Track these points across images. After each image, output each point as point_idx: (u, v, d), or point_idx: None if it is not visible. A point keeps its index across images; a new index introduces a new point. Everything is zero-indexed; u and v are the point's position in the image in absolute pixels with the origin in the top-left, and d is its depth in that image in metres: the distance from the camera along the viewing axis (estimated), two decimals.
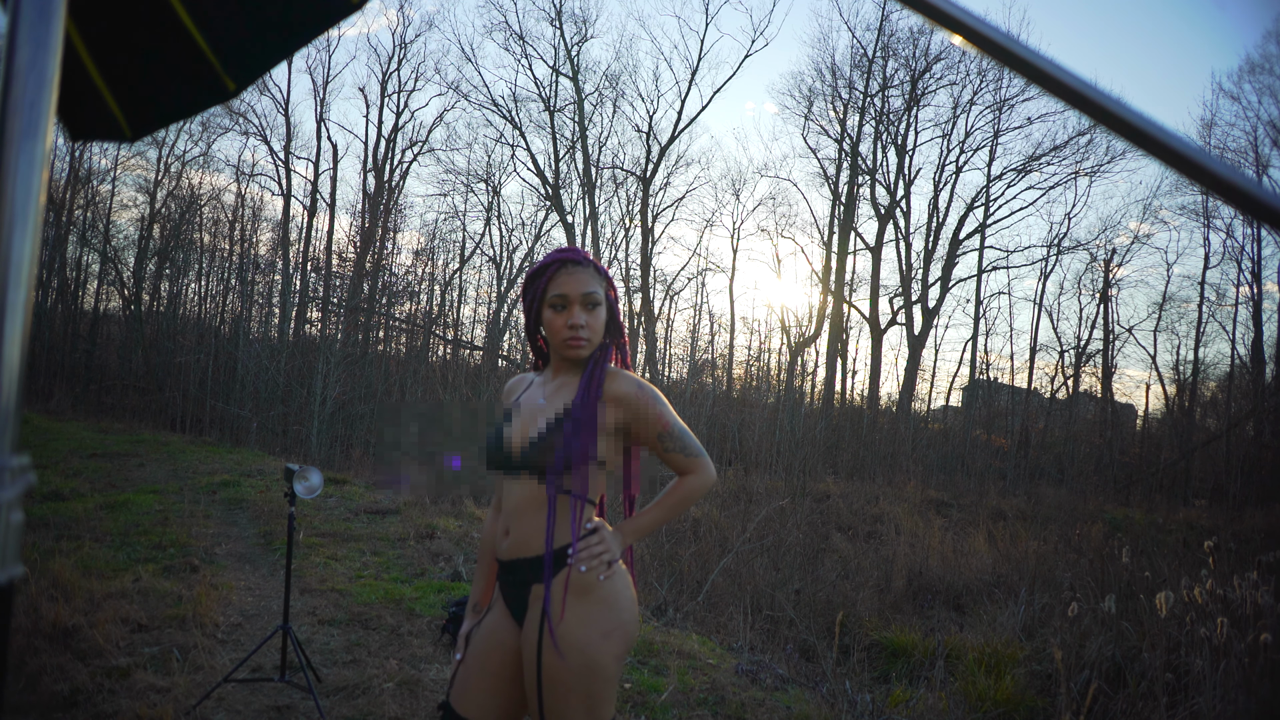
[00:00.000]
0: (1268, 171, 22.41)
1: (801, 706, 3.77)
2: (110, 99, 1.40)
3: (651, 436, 1.77)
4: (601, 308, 1.80)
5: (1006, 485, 18.97)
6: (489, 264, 26.79)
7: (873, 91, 24.67)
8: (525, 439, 1.75)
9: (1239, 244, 23.55)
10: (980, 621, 6.04)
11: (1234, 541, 8.56)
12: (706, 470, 1.81)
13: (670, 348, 27.10)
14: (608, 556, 1.70)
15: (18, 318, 0.49)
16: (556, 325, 1.77)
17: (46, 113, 0.50)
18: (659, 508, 1.81)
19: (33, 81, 0.50)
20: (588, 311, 1.77)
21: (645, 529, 1.80)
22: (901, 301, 25.01)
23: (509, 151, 28.17)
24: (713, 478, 1.82)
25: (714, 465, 1.85)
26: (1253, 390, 22.73)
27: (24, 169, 0.49)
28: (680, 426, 1.80)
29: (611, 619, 1.68)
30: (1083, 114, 0.51)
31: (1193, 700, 4.06)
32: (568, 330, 1.75)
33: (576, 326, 1.75)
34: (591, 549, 1.69)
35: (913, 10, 0.55)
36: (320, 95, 26.84)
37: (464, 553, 6.63)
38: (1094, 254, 25.22)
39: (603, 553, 1.70)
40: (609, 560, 1.70)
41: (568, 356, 1.79)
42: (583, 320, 1.75)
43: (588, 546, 1.69)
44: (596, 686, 1.64)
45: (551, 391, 1.80)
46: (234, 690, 3.46)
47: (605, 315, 1.81)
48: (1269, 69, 22.76)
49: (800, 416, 19.84)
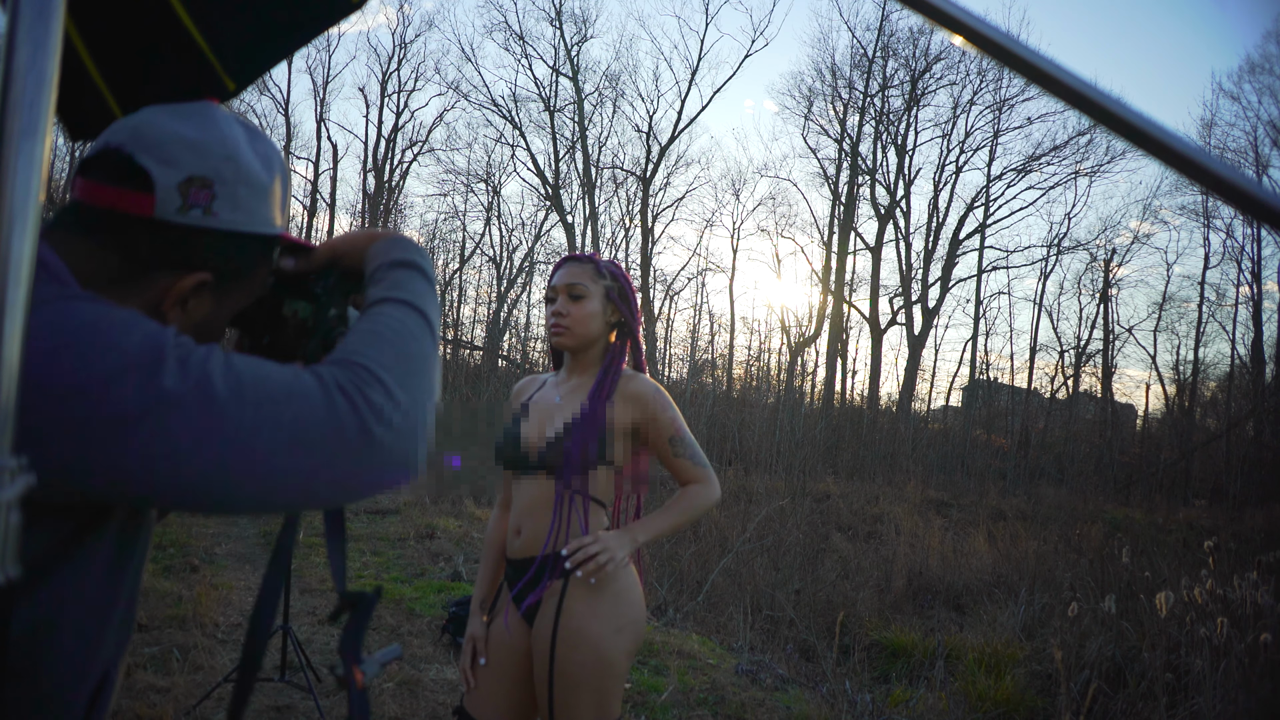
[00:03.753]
0: (1268, 171, 22.43)
1: (801, 706, 3.77)
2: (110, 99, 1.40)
3: (663, 440, 1.79)
4: (589, 300, 1.81)
5: (1006, 485, 18.96)
6: (489, 264, 26.82)
7: (873, 91, 24.69)
8: (542, 438, 1.76)
9: (1239, 244, 23.59)
10: (980, 621, 6.04)
11: (1234, 541, 8.57)
12: (713, 481, 1.83)
13: (670, 348, 27.11)
14: (604, 558, 1.66)
15: (18, 318, 0.49)
16: (547, 317, 1.84)
17: (46, 113, 0.50)
18: (669, 513, 1.79)
19: (33, 81, 0.50)
20: (571, 302, 1.80)
21: (656, 533, 1.78)
22: (901, 301, 25.02)
23: (509, 151, 28.15)
24: (718, 493, 1.83)
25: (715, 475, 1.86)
26: (1253, 390, 22.74)
27: (24, 169, 0.49)
28: (690, 435, 1.82)
29: (623, 615, 1.69)
30: (1083, 114, 0.51)
31: (1193, 700, 4.06)
32: (551, 318, 1.82)
33: (558, 314, 1.80)
34: (587, 549, 1.66)
35: (913, 10, 0.55)
36: (320, 95, 26.84)
37: (464, 553, 6.63)
38: (1094, 254, 25.25)
39: (598, 554, 1.66)
40: (604, 561, 1.66)
41: (553, 345, 1.84)
42: (565, 310, 1.79)
43: (581, 548, 1.67)
44: (607, 682, 1.65)
45: (567, 392, 1.82)
46: (234, 690, 3.46)
47: (595, 308, 1.81)
48: (1269, 69, 22.79)
49: (800, 416, 19.83)
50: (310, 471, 0.68)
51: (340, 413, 0.69)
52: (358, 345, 0.76)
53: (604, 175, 25.37)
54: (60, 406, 0.60)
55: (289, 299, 0.91)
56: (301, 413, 0.67)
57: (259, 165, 0.84)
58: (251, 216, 0.83)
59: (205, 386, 0.64)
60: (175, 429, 0.62)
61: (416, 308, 0.83)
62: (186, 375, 0.64)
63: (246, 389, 0.66)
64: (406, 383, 0.74)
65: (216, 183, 0.80)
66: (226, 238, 0.81)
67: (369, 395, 0.71)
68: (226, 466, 0.64)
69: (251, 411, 0.65)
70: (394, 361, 0.75)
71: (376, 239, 0.92)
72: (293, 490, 0.68)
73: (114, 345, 0.63)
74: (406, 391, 0.74)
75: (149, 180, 0.77)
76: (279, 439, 0.66)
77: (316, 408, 0.68)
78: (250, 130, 0.87)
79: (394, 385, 0.73)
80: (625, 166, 25.63)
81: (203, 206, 0.79)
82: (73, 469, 0.62)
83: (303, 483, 0.68)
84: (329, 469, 0.69)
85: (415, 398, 0.75)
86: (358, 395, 0.70)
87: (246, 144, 0.84)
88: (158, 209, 0.77)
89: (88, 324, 0.64)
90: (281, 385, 0.68)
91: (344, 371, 0.72)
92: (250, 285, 0.88)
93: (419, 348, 0.79)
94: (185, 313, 0.82)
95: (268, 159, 0.86)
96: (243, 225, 0.82)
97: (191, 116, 0.82)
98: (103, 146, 0.79)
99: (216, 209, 0.80)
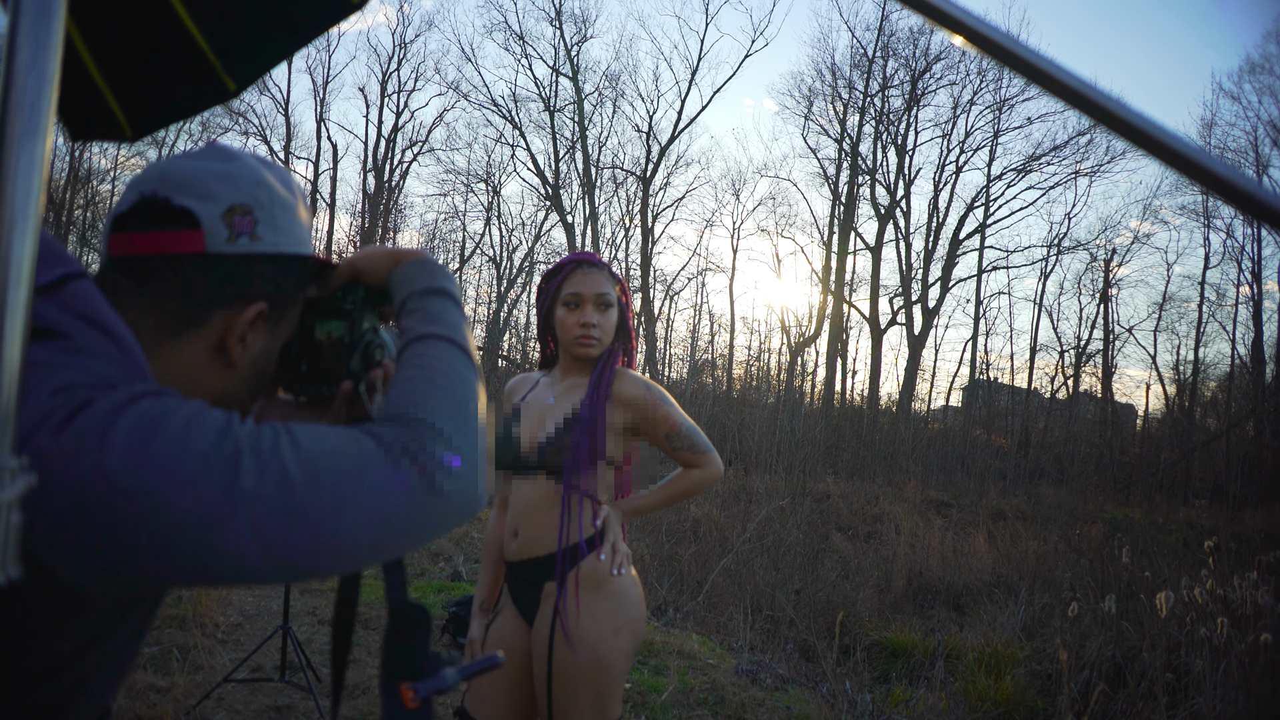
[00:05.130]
0: (1268, 171, 22.43)
1: (801, 706, 3.77)
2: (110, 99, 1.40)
3: (659, 437, 1.79)
4: (613, 310, 1.81)
5: (1006, 485, 18.96)
6: (489, 264, 26.83)
7: (873, 91, 24.69)
8: (537, 439, 1.76)
9: (1239, 244, 23.58)
10: (980, 621, 6.04)
11: (1234, 541, 8.56)
12: (714, 465, 1.83)
13: (670, 348, 27.13)
14: (626, 550, 1.76)
15: (18, 318, 0.49)
16: (569, 324, 1.78)
17: (46, 113, 0.50)
18: (659, 492, 1.84)
19: (33, 81, 0.50)
20: (600, 312, 1.79)
21: (641, 509, 1.83)
22: (901, 301, 25.01)
23: (509, 151, 28.16)
24: (718, 472, 1.84)
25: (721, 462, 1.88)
26: (1253, 390, 22.74)
27: (24, 169, 0.49)
28: (688, 425, 1.81)
29: (621, 616, 1.69)
30: (1083, 114, 0.51)
31: (1193, 700, 4.06)
32: (579, 329, 1.77)
33: (588, 325, 1.77)
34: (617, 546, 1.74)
35: (913, 10, 0.55)
36: (320, 95, 26.84)
37: (464, 553, 6.63)
38: (1094, 254, 25.24)
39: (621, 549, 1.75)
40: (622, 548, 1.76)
41: (577, 355, 1.80)
42: (595, 319, 1.77)
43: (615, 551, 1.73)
44: (605, 684, 1.65)
45: (561, 392, 1.81)
46: (234, 690, 3.46)
47: (616, 319, 1.82)
48: (1269, 69, 22.77)
49: (800, 416, 19.84)
50: (389, 538, 0.70)
51: (409, 478, 0.70)
52: (412, 397, 0.76)
53: (604, 175, 25.40)
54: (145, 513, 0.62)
55: (319, 322, 0.92)
56: (376, 485, 0.69)
57: (283, 187, 0.87)
58: (291, 237, 0.86)
59: (283, 479, 0.65)
60: (261, 523, 0.64)
61: (458, 344, 0.83)
62: (264, 470, 0.65)
63: (320, 471, 0.67)
64: (463, 428, 0.75)
65: (255, 208, 0.82)
66: (274, 261, 0.84)
67: (434, 452, 0.72)
68: (314, 551, 0.66)
69: (330, 495, 0.67)
70: (449, 409, 0.76)
71: (401, 260, 0.93)
72: (373, 557, 0.71)
73: (190, 448, 0.64)
74: (465, 437, 0.75)
75: (193, 217, 0.78)
76: (359, 516, 0.68)
77: (388, 479, 0.69)
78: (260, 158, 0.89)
79: (454, 434, 0.74)
80: (625, 166, 25.67)
81: (248, 233, 0.81)
82: (158, 573, 0.64)
83: (383, 549, 0.71)
84: (405, 533, 0.71)
85: (473, 442, 0.76)
86: (423, 454, 0.71)
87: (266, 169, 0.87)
88: (208, 242, 0.79)
89: (159, 425, 0.65)
90: (351, 460, 0.69)
91: (405, 431, 0.72)
92: (294, 312, 0.89)
93: (468, 388, 0.80)
94: (245, 347, 0.83)
95: (286, 181, 0.89)
96: (286, 246, 0.85)
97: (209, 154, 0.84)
98: (136, 198, 0.80)
99: (260, 233, 0.82)
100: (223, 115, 23.79)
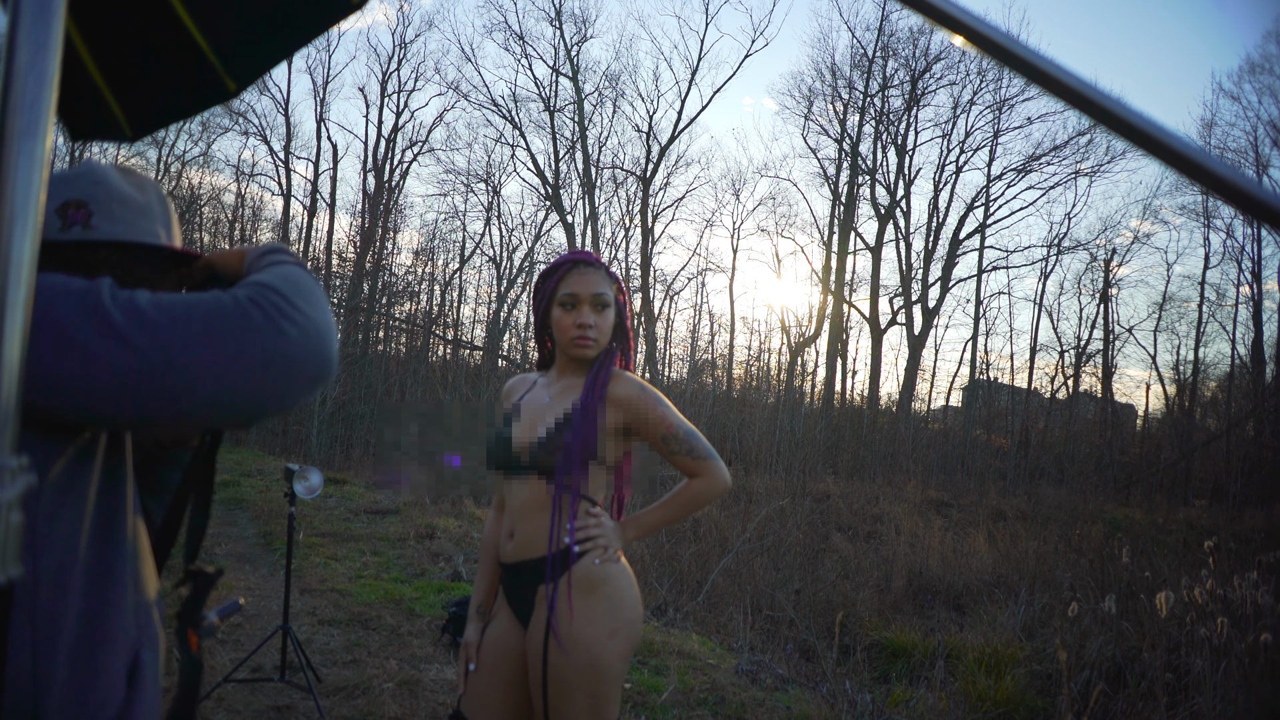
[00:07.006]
0: (1268, 171, 22.43)
1: (801, 706, 3.77)
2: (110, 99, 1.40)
3: (656, 439, 1.76)
4: (610, 310, 1.79)
5: (1006, 485, 18.97)
6: (489, 264, 26.81)
7: (873, 91, 24.69)
8: (531, 440, 1.75)
9: (1239, 244, 23.58)
10: (980, 621, 6.04)
11: (1234, 541, 8.57)
12: (716, 474, 1.77)
13: (670, 348, 27.13)
14: (603, 541, 1.70)
15: (18, 318, 0.49)
16: (565, 324, 1.76)
17: (46, 113, 0.50)
18: (663, 508, 1.79)
19: (33, 81, 0.50)
20: (596, 312, 1.77)
21: (648, 528, 1.79)
22: (901, 301, 25.01)
23: (509, 151, 28.19)
24: (724, 483, 1.78)
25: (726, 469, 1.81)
26: (1253, 390, 22.73)
27: (24, 169, 0.49)
28: (686, 429, 1.77)
29: (617, 618, 1.68)
30: (1083, 114, 0.51)
31: (1193, 700, 4.06)
32: (576, 329, 1.75)
33: (585, 325, 1.75)
34: (588, 529, 1.69)
35: (913, 10, 0.55)
36: (320, 95, 26.85)
37: (464, 553, 6.63)
38: (1094, 254, 25.25)
39: (598, 535, 1.70)
40: (605, 545, 1.70)
41: (574, 355, 1.78)
42: (591, 320, 1.75)
43: (584, 528, 1.70)
44: (602, 686, 1.63)
45: (557, 392, 1.80)
46: (234, 690, 3.46)
47: (614, 319, 1.81)
48: (1269, 69, 22.80)
49: (800, 416, 19.84)
50: (225, 361, 0.79)
51: (245, 308, 0.81)
52: (255, 276, 0.89)
53: (604, 175, 25.40)
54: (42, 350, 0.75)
55: None
56: (211, 309, 0.80)
57: (131, 189, 1.01)
58: (131, 228, 0.99)
59: (133, 308, 0.78)
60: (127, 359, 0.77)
61: (292, 263, 0.95)
62: (119, 305, 0.78)
63: (178, 314, 0.79)
64: (300, 296, 0.86)
65: (90, 203, 0.97)
66: (114, 248, 0.98)
67: (270, 298, 0.83)
68: (151, 366, 0.77)
69: (165, 315, 0.79)
70: (285, 284, 0.87)
71: (246, 250, 1.07)
72: (211, 382, 0.79)
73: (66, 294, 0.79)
74: (304, 301, 0.86)
75: None
76: (192, 330, 0.78)
77: (224, 304, 0.81)
78: (123, 169, 1.05)
79: (291, 295, 0.85)
80: (625, 166, 25.66)
81: (81, 223, 0.96)
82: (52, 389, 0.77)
83: (220, 373, 0.79)
84: (242, 357, 0.79)
85: (314, 305, 0.87)
86: (260, 297, 0.83)
87: (118, 175, 1.02)
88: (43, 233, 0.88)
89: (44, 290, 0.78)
90: (192, 297, 0.81)
91: (250, 289, 0.84)
92: None
93: (305, 279, 0.91)
94: None
95: (142, 186, 1.04)
96: (123, 235, 0.98)
97: (68, 169, 1.00)
98: None
99: (95, 224, 0.96)
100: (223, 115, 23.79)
